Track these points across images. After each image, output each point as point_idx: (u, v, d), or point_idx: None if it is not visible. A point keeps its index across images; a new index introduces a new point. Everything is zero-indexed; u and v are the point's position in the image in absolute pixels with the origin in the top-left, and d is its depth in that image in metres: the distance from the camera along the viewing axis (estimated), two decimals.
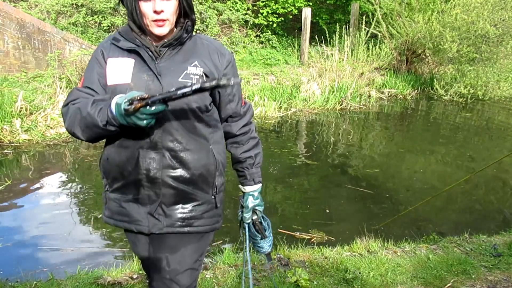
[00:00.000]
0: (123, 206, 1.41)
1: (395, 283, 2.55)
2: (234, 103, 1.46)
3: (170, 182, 1.34)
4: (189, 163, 1.35)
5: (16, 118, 5.52)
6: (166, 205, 1.37)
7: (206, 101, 1.37)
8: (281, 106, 7.62)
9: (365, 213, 3.92)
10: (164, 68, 1.31)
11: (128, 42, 1.33)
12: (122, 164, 1.36)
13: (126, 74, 1.31)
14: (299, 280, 2.44)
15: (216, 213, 1.47)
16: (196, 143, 1.36)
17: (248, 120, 1.51)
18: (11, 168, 4.75)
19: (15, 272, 2.75)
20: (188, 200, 1.39)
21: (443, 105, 8.72)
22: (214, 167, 1.40)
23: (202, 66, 1.35)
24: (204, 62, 1.36)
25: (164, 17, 1.25)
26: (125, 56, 1.33)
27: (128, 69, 1.31)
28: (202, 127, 1.37)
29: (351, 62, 9.04)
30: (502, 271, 2.73)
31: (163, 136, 1.31)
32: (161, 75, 1.30)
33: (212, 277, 2.52)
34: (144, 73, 1.30)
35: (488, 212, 4.10)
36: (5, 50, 7.04)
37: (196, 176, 1.37)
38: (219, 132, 1.47)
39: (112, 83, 1.31)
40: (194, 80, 1.32)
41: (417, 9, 9.06)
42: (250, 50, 10.22)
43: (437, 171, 5.23)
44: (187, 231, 1.39)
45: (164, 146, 1.32)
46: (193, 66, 1.34)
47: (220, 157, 1.44)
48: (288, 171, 4.91)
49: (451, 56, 8.61)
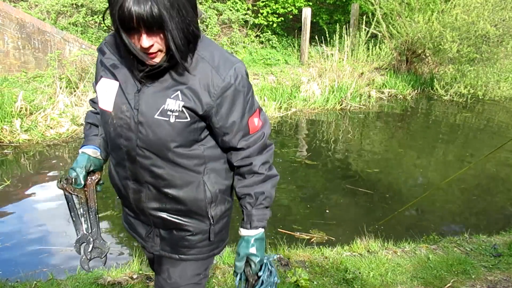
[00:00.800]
0: (129, 219, 1.41)
1: (395, 283, 2.55)
2: (231, 135, 1.19)
3: (158, 214, 1.27)
4: (175, 198, 1.23)
5: (16, 118, 5.52)
6: (161, 229, 1.33)
7: (191, 135, 1.16)
8: (281, 106, 7.61)
9: (365, 213, 3.92)
10: (144, 99, 1.12)
11: (112, 58, 1.16)
12: (116, 187, 1.34)
13: (109, 101, 1.17)
14: (299, 280, 2.44)
15: (215, 241, 1.34)
16: (182, 178, 1.21)
17: (250, 153, 1.23)
18: (11, 168, 4.75)
19: (15, 272, 2.75)
20: (180, 229, 1.30)
21: (443, 105, 8.72)
22: (204, 202, 1.25)
23: (183, 98, 1.11)
24: (190, 90, 1.10)
25: (155, 50, 1.03)
26: (111, 77, 1.17)
27: (111, 94, 1.17)
28: (189, 161, 1.20)
29: (351, 62, 9.03)
30: (502, 271, 2.73)
31: (143, 173, 1.20)
32: (138, 110, 1.13)
33: (212, 277, 2.52)
34: (124, 104, 1.15)
35: (488, 212, 4.10)
36: (5, 50, 7.04)
37: (184, 210, 1.26)
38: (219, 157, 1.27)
39: (101, 107, 1.21)
40: (171, 118, 1.11)
41: (417, 9, 9.05)
42: (250, 50, 10.22)
43: (437, 171, 5.23)
44: (180, 258, 1.33)
45: (146, 181, 1.22)
46: (173, 98, 1.10)
47: (218, 187, 1.26)
48: (288, 171, 4.91)
49: (451, 56, 8.60)
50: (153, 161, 1.17)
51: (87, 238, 1.30)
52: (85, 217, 1.29)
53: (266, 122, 1.26)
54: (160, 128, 1.12)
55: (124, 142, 1.18)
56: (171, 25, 0.98)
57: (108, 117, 1.19)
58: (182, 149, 1.17)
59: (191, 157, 1.19)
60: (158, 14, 0.95)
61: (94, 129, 1.36)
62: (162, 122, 1.12)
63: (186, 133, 1.14)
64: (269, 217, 1.29)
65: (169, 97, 1.10)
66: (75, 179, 1.25)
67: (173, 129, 1.12)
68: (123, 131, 1.17)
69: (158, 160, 1.17)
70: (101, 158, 1.32)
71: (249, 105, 1.18)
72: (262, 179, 1.25)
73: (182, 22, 1.00)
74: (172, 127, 1.12)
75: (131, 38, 1.01)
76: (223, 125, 1.16)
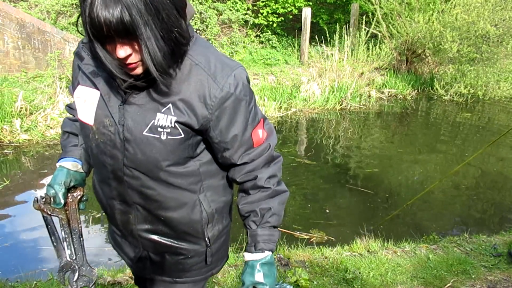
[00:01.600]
0: (116, 237, 1.25)
1: (395, 283, 2.55)
2: (232, 150, 1.04)
3: (148, 236, 1.13)
4: (168, 221, 1.09)
5: (16, 118, 5.52)
6: (152, 253, 1.18)
7: (186, 152, 1.02)
8: (281, 106, 7.61)
9: (365, 213, 3.92)
10: (130, 113, 0.97)
11: (91, 64, 1.00)
12: (101, 204, 1.19)
13: (90, 113, 1.02)
14: (299, 280, 2.44)
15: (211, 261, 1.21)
16: (176, 200, 1.07)
17: (255, 166, 1.08)
18: (11, 168, 4.75)
19: (15, 272, 2.75)
20: (173, 253, 1.16)
21: (443, 105, 8.72)
22: (201, 224, 1.11)
23: (176, 113, 0.96)
24: (183, 102, 0.96)
25: (134, 60, 0.88)
26: (91, 85, 1.02)
27: (92, 105, 1.02)
28: (184, 180, 1.06)
29: (351, 62, 9.03)
30: (502, 271, 2.73)
31: (131, 194, 1.06)
32: (123, 125, 0.98)
33: (212, 277, 2.52)
34: (107, 118, 1.00)
35: (488, 212, 4.10)
36: (5, 50, 7.04)
37: (178, 232, 1.12)
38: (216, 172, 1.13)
39: (80, 119, 1.06)
40: (163, 135, 0.97)
41: (417, 9, 9.05)
42: (250, 50, 10.22)
43: (437, 171, 5.23)
44: (174, 281, 1.20)
45: (135, 202, 1.08)
46: (164, 112, 0.96)
47: (215, 205, 1.13)
48: (288, 171, 4.91)
49: (451, 56, 8.60)
50: (142, 182, 1.03)
51: (72, 266, 1.13)
52: (67, 241, 1.13)
53: (271, 132, 1.12)
54: (150, 146, 0.98)
55: (108, 160, 1.04)
56: (146, 33, 0.83)
57: (89, 131, 1.04)
58: (176, 167, 1.03)
59: (186, 176, 1.05)
60: (129, 21, 0.81)
61: (73, 138, 1.20)
62: (151, 139, 0.97)
63: (180, 150, 1.01)
64: (277, 238, 1.12)
65: (160, 111, 0.96)
66: (53, 197, 1.09)
67: (165, 147, 0.98)
68: (107, 148, 1.02)
69: (148, 180, 1.03)
70: (82, 172, 1.18)
71: (251, 116, 1.03)
72: (269, 195, 1.09)
73: (162, 29, 0.85)
74: (163, 145, 0.98)
75: (107, 47, 0.87)
76: (223, 139, 1.02)
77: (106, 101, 0.99)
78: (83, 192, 1.15)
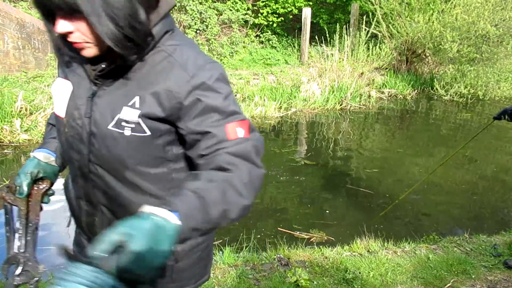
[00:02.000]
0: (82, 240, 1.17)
1: (395, 283, 2.55)
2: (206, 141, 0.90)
3: None
4: None
5: (16, 118, 5.52)
6: None
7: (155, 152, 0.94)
8: (281, 106, 7.62)
9: (365, 213, 3.92)
10: (99, 105, 0.93)
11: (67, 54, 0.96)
12: (69, 204, 1.13)
13: (62, 105, 0.98)
14: (299, 280, 2.44)
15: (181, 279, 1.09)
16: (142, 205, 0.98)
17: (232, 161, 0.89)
18: (11, 168, 4.75)
19: None
20: None
21: (443, 105, 8.72)
22: None
23: (142, 105, 0.89)
24: (152, 95, 0.89)
25: (77, 40, 0.84)
26: (65, 76, 0.99)
27: (65, 97, 0.98)
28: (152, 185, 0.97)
29: (351, 62, 9.04)
30: (502, 271, 2.73)
31: (97, 193, 1.00)
32: (90, 118, 0.93)
33: (212, 277, 2.52)
34: (76, 110, 0.95)
35: (488, 212, 4.10)
36: (5, 50, 7.04)
37: None
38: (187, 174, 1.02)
39: (55, 112, 1.03)
40: (126, 131, 0.90)
41: (417, 9, 9.05)
42: (250, 50, 10.23)
43: (437, 171, 5.22)
44: None
45: (100, 203, 1.01)
46: (130, 105, 0.89)
47: None
48: (288, 171, 4.91)
49: (451, 56, 8.60)
50: (107, 181, 0.96)
51: (17, 259, 1.04)
52: (20, 233, 1.05)
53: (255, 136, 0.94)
54: (114, 142, 0.91)
55: (75, 156, 0.99)
56: (92, 10, 0.78)
57: (60, 124, 1.00)
58: (144, 167, 0.95)
59: (156, 179, 0.96)
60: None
61: (54, 131, 1.15)
62: (116, 134, 0.90)
63: (146, 149, 0.93)
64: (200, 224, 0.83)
65: (126, 104, 0.90)
66: (18, 187, 1.04)
67: (129, 144, 0.91)
68: (75, 142, 0.97)
69: (113, 180, 0.96)
70: (55, 165, 1.11)
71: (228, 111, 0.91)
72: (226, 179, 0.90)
73: (110, 11, 0.79)
74: (127, 142, 0.91)
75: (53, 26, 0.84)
76: (191, 131, 0.91)
77: (75, 92, 0.96)
78: (50, 186, 1.09)
